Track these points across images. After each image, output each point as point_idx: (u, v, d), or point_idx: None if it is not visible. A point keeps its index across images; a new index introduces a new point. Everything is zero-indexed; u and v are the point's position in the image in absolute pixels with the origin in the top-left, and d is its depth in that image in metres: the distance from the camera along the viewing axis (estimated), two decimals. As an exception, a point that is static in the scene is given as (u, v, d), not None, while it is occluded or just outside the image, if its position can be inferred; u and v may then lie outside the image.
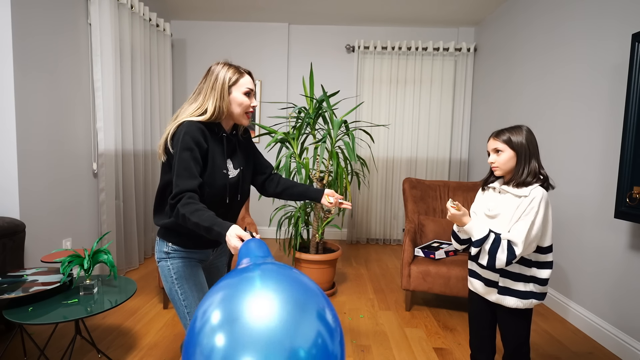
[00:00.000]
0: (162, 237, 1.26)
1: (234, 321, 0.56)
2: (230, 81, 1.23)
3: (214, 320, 0.57)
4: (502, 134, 1.30)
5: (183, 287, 1.24)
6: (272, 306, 0.57)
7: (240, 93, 1.24)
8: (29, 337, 1.73)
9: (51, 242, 2.45)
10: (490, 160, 1.32)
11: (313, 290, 0.65)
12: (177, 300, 1.24)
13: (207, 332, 0.56)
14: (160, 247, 1.27)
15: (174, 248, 1.25)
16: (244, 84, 1.25)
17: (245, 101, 1.25)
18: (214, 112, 1.22)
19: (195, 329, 0.59)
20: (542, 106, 2.86)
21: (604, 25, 2.27)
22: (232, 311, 0.57)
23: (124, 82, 3.01)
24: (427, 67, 4.16)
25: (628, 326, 2.03)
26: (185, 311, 1.24)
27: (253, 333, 0.54)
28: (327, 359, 0.56)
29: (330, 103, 2.77)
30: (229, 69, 1.25)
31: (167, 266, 1.25)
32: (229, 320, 0.56)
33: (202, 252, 1.31)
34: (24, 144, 2.21)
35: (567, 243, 2.52)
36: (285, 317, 0.56)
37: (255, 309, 0.57)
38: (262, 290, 0.61)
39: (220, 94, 1.22)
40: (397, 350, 2.04)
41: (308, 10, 3.84)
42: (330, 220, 2.77)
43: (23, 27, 2.19)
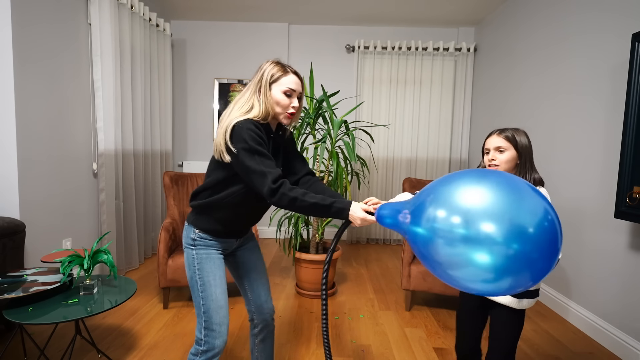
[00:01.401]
0: (191, 223, 1.29)
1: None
2: (272, 78, 1.23)
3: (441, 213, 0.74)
4: (505, 131, 1.26)
5: (203, 279, 1.26)
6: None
7: (279, 91, 1.23)
8: (29, 337, 1.73)
9: (51, 242, 2.45)
10: (491, 157, 1.26)
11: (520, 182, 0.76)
12: (195, 289, 1.27)
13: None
14: (187, 233, 1.30)
15: (201, 236, 1.28)
16: (285, 83, 1.23)
17: (282, 100, 1.23)
18: (260, 111, 1.22)
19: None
20: (542, 106, 2.86)
21: (603, 25, 2.27)
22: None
23: (124, 82, 3.01)
24: (427, 67, 4.16)
25: (628, 326, 2.03)
26: (201, 302, 1.26)
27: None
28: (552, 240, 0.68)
29: (330, 103, 2.77)
30: (275, 66, 1.24)
31: (192, 254, 1.28)
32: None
33: (227, 242, 1.34)
34: (24, 144, 2.21)
35: (567, 243, 2.52)
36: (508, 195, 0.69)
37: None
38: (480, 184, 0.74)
39: (264, 92, 1.22)
40: (397, 350, 2.04)
41: (308, 10, 3.84)
42: (331, 220, 2.77)
43: (23, 27, 2.19)
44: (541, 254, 0.67)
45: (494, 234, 0.66)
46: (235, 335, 2.15)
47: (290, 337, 2.16)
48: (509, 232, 0.66)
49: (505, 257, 0.66)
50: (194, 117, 4.35)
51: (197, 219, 1.28)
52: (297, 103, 1.26)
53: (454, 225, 0.71)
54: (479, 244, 0.67)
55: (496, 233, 0.66)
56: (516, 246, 0.65)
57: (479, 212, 0.69)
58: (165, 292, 2.45)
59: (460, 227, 0.70)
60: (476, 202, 0.70)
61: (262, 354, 1.51)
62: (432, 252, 0.76)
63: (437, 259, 0.75)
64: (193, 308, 2.48)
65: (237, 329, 2.21)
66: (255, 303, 1.45)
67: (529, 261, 0.67)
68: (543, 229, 0.67)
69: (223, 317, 1.26)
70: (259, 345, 1.50)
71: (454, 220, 0.71)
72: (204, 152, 4.38)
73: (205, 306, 1.25)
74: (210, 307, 1.24)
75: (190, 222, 1.30)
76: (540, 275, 0.69)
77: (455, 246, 0.70)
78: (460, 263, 0.70)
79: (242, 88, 4.25)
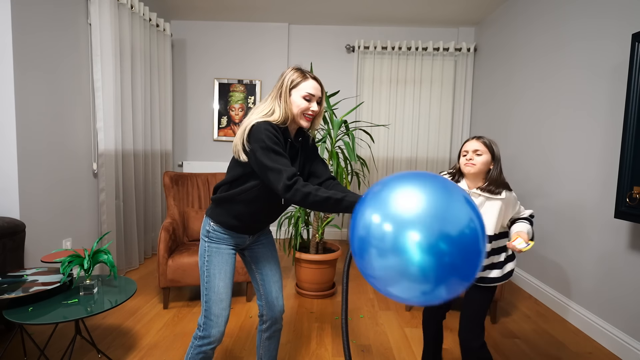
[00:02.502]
0: (209, 215, 1.36)
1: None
2: (292, 84, 1.28)
3: (376, 219, 0.74)
4: (483, 138, 1.39)
5: (210, 271, 1.33)
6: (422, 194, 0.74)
7: (299, 96, 1.28)
8: (29, 337, 1.73)
9: (51, 242, 2.45)
10: (469, 157, 1.36)
11: (452, 184, 0.80)
12: (202, 279, 1.35)
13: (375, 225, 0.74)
14: (204, 225, 1.37)
15: (215, 228, 1.35)
16: (304, 88, 1.28)
17: (302, 104, 1.28)
18: (280, 115, 1.27)
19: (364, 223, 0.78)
20: (542, 106, 2.86)
21: (603, 25, 2.27)
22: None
23: (124, 82, 3.01)
24: (427, 67, 4.16)
25: (628, 326, 2.03)
26: (205, 292, 1.33)
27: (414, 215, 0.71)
28: (476, 246, 0.71)
29: (330, 103, 2.77)
30: (295, 72, 1.30)
31: (205, 246, 1.36)
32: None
33: (240, 237, 1.39)
34: (24, 144, 2.21)
35: (567, 243, 2.52)
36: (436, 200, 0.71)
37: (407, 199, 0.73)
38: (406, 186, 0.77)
39: (284, 97, 1.28)
40: (397, 350, 2.04)
41: (308, 10, 3.84)
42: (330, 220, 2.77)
43: (23, 27, 2.19)
44: (464, 259, 0.69)
45: (421, 243, 0.68)
46: (235, 335, 2.15)
47: (290, 337, 2.16)
48: (435, 240, 0.68)
49: (433, 266, 0.68)
50: (194, 117, 4.35)
51: (214, 211, 1.35)
52: (316, 107, 1.31)
53: (387, 233, 0.72)
54: (406, 253, 0.69)
55: (422, 241, 0.68)
56: (444, 253, 0.68)
57: (409, 220, 0.71)
58: (165, 292, 2.45)
59: (391, 235, 0.71)
60: (408, 209, 0.72)
61: (266, 352, 1.54)
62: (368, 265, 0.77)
63: (372, 273, 0.77)
64: (193, 308, 2.48)
65: (237, 329, 2.21)
66: (266, 299, 1.49)
67: (453, 268, 0.69)
68: (465, 236, 0.69)
69: (222, 310, 1.33)
70: (265, 342, 1.54)
71: (387, 228, 0.72)
72: (204, 152, 4.38)
73: (207, 296, 1.33)
74: (211, 298, 1.32)
75: (208, 214, 1.38)
76: (467, 278, 0.71)
77: (387, 257, 0.72)
78: (395, 276, 0.72)
79: (242, 88, 4.26)
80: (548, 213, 2.74)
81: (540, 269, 2.82)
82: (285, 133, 1.30)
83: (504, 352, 2.05)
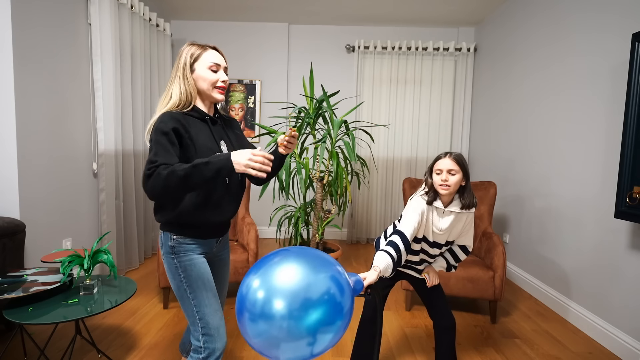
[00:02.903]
0: (166, 230, 1.23)
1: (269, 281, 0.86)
2: (192, 58, 1.20)
3: (256, 284, 0.87)
4: (453, 154, 1.41)
5: (192, 287, 1.21)
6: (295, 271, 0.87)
7: (204, 68, 1.21)
8: (29, 337, 1.73)
9: (51, 242, 2.45)
10: (444, 178, 1.38)
11: (328, 261, 0.92)
12: (185, 298, 1.22)
13: (252, 292, 0.86)
14: (164, 241, 1.23)
15: (179, 241, 1.22)
16: (208, 59, 1.21)
17: (210, 76, 1.21)
18: (180, 97, 1.20)
19: (242, 292, 0.89)
20: (542, 106, 2.86)
21: (603, 25, 2.27)
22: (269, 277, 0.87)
23: (124, 82, 3.01)
24: (427, 67, 4.16)
25: (628, 326, 2.03)
26: (195, 310, 1.21)
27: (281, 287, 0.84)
28: (335, 306, 0.84)
29: (330, 103, 2.77)
30: (192, 46, 1.22)
31: (174, 264, 1.22)
32: (265, 282, 0.86)
33: (207, 244, 1.28)
34: (24, 144, 2.21)
35: (567, 243, 2.52)
36: (303, 277, 0.85)
37: (281, 273, 0.86)
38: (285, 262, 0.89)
39: (183, 75, 1.20)
40: (397, 350, 2.04)
41: (308, 10, 3.84)
42: (330, 220, 2.77)
43: (23, 27, 2.19)
44: (328, 317, 0.84)
45: (292, 309, 0.82)
46: (235, 335, 2.15)
47: (290, 337, 2.15)
48: (301, 305, 0.82)
49: (305, 326, 0.81)
50: (194, 117, 4.35)
51: (171, 226, 1.22)
52: (225, 77, 1.25)
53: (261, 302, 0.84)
54: (272, 318, 0.82)
55: (293, 308, 0.82)
56: (310, 316, 0.82)
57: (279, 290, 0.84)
58: (165, 292, 2.45)
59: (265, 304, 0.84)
60: (283, 282, 0.85)
61: None
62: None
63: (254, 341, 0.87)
64: (193, 308, 2.47)
65: (238, 330, 2.21)
66: None
67: (326, 324, 0.84)
68: (325, 302, 0.84)
69: (220, 319, 1.23)
70: None
71: (260, 296, 0.85)
72: (204, 152, 4.37)
73: (200, 312, 1.21)
74: (205, 313, 1.21)
75: (164, 229, 1.23)
76: (338, 333, 0.87)
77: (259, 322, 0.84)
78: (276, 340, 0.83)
79: (242, 88, 4.25)
80: (548, 213, 2.74)
81: (540, 269, 2.82)
82: (199, 112, 1.23)
83: (504, 352, 2.05)
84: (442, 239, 1.48)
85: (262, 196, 4.26)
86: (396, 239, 1.35)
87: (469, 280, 2.33)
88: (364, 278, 1.11)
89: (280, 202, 4.34)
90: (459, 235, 1.52)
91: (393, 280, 1.64)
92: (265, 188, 2.61)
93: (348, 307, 0.88)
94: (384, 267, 1.26)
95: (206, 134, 1.23)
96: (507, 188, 3.32)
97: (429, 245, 1.49)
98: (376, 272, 1.20)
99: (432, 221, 1.45)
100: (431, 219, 1.45)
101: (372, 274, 1.16)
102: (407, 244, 1.35)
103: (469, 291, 2.34)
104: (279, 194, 2.81)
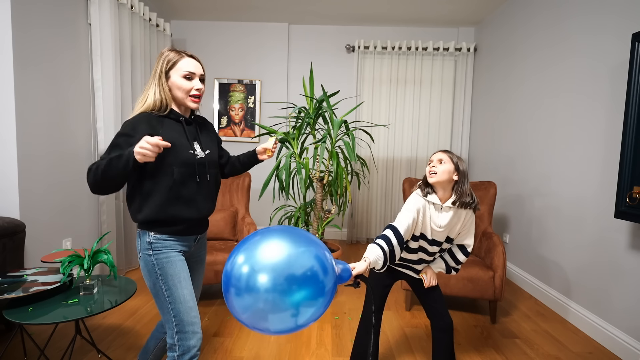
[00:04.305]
0: (144, 228, 1.24)
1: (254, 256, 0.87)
2: (167, 65, 1.22)
3: (240, 260, 0.88)
4: (449, 152, 1.47)
5: (168, 284, 1.22)
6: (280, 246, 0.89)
7: (178, 76, 1.22)
8: (29, 337, 1.73)
9: (51, 242, 2.45)
10: (432, 165, 1.43)
11: (315, 241, 0.95)
12: (161, 295, 1.23)
13: (237, 267, 0.87)
14: (143, 238, 1.24)
15: (157, 237, 1.23)
16: (183, 67, 1.22)
17: (184, 85, 1.23)
18: (155, 102, 1.22)
19: (227, 268, 0.90)
20: (542, 106, 2.86)
21: (603, 25, 2.27)
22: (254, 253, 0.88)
23: (124, 82, 3.01)
24: (427, 67, 4.16)
25: (628, 326, 2.03)
26: (170, 307, 1.22)
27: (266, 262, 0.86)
28: (317, 283, 0.87)
29: (330, 103, 2.77)
30: (169, 52, 1.23)
31: (151, 261, 1.23)
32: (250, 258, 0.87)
33: (184, 241, 1.30)
34: (24, 144, 2.21)
35: (567, 243, 2.52)
36: (288, 252, 0.87)
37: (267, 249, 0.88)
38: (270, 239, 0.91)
39: (159, 82, 1.22)
40: (397, 350, 2.04)
41: (308, 10, 3.84)
42: (330, 220, 2.77)
43: (23, 27, 2.19)
44: (310, 293, 0.87)
45: (279, 283, 0.84)
46: (235, 335, 2.15)
47: (290, 337, 2.16)
48: (287, 280, 0.85)
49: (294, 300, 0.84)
50: (194, 117, 4.35)
51: (148, 223, 1.23)
52: (200, 85, 1.26)
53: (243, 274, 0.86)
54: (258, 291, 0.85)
55: (280, 282, 0.85)
56: (295, 292, 0.85)
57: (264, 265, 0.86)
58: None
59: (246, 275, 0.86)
60: (267, 257, 0.87)
61: None
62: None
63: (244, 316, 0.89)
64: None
65: (237, 329, 2.22)
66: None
67: (309, 299, 0.87)
68: (307, 277, 0.87)
69: (194, 317, 1.23)
70: (160, 343, 1.48)
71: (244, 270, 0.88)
72: (204, 152, 4.38)
73: (175, 310, 1.21)
74: (180, 310, 1.21)
75: (142, 227, 1.24)
76: (319, 309, 0.90)
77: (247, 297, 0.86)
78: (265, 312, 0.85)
79: (242, 88, 4.25)
80: (548, 213, 2.74)
81: (540, 269, 2.82)
82: (175, 114, 1.27)
83: (504, 352, 2.05)
84: (441, 237, 1.48)
85: (262, 196, 4.26)
86: (388, 232, 1.37)
87: (469, 280, 2.33)
88: (353, 267, 1.12)
89: (280, 202, 4.34)
90: (458, 234, 1.52)
91: (391, 279, 1.65)
92: (265, 188, 2.61)
93: (330, 287, 0.91)
94: (374, 258, 1.28)
95: (179, 133, 1.26)
96: (507, 188, 3.32)
97: (428, 243, 1.49)
98: (366, 263, 1.22)
99: (430, 217, 1.45)
100: (429, 216, 1.45)
101: (362, 264, 1.18)
102: (399, 238, 1.36)
103: (469, 291, 2.34)
104: (279, 194, 2.81)
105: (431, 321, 1.61)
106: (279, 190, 2.77)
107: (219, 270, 2.40)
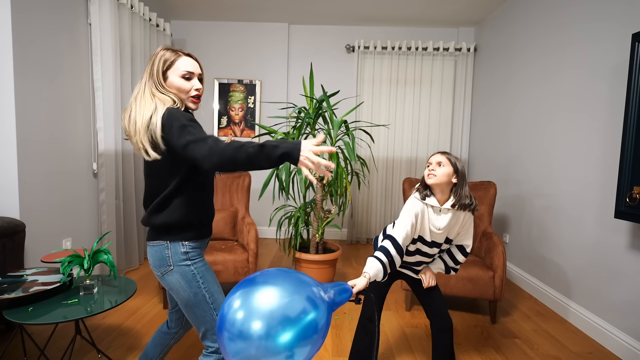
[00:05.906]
0: (175, 238, 1.15)
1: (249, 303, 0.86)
2: (164, 65, 1.15)
3: (236, 305, 0.87)
4: (448, 153, 1.46)
5: (210, 291, 1.18)
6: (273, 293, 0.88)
7: (177, 77, 1.16)
8: (29, 337, 1.73)
9: (51, 242, 2.45)
10: (431, 168, 1.42)
11: (305, 282, 0.94)
12: (203, 304, 1.17)
13: (233, 312, 0.85)
14: (175, 250, 1.15)
15: (192, 245, 1.17)
16: (181, 67, 1.16)
17: (183, 85, 1.16)
18: (175, 104, 1.16)
19: (224, 312, 0.88)
20: (542, 106, 2.86)
21: (604, 25, 2.27)
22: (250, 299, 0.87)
23: (124, 82, 3.01)
24: (427, 67, 4.16)
25: (628, 326, 2.03)
26: (214, 314, 1.18)
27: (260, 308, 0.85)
28: (310, 323, 0.86)
29: (330, 103, 2.77)
30: (165, 51, 1.16)
31: (191, 271, 1.16)
32: (246, 304, 0.86)
33: (206, 244, 1.28)
34: (24, 144, 2.21)
35: (567, 243, 2.52)
36: (280, 298, 0.87)
37: (261, 296, 0.87)
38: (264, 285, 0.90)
39: (158, 84, 1.14)
40: (397, 350, 2.04)
41: (308, 10, 3.84)
42: (330, 220, 2.77)
43: (23, 27, 2.19)
44: (303, 334, 0.86)
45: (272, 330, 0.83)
46: (235, 335, 2.15)
47: (290, 337, 2.15)
48: (280, 324, 0.84)
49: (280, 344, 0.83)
50: (194, 117, 4.35)
51: (180, 229, 1.17)
52: (199, 85, 1.19)
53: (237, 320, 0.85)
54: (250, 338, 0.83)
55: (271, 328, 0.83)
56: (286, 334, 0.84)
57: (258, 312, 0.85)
58: (166, 292, 2.45)
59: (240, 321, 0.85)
60: (262, 304, 0.86)
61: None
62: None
63: None
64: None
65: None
66: (178, 313, 1.44)
67: (303, 339, 0.86)
68: (300, 320, 0.87)
69: None
70: (165, 348, 1.49)
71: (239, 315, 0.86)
72: (204, 152, 4.38)
73: (217, 310, 1.18)
74: None
75: (172, 237, 1.16)
76: (315, 345, 0.89)
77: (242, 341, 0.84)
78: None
79: (242, 88, 4.25)
80: (548, 213, 2.74)
81: (540, 269, 2.82)
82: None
83: (504, 352, 2.05)
84: (440, 238, 1.49)
85: (262, 196, 4.26)
86: (387, 244, 1.38)
87: (469, 280, 2.33)
88: (353, 285, 1.13)
89: (280, 202, 4.34)
90: (457, 234, 1.52)
91: (390, 279, 1.65)
92: (265, 188, 2.61)
93: (323, 322, 0.91)
94: (373, 273, 1.29)
95: None
96: (507, 188, 3.32)
97: (427, 245, 1.49)
98: (366, 279, 1.22)
99: (428, 220, 1.46)
100: (427, 218, 1.45)
101: (362, 281, 1.18)
102: (398, 248, 1.37)
103: (469, 291, 2.34)
104: (279, 194, 2.81)
105: (431, 321, 1.61)
106: (279, 190, 2.77)
107: (219, 270, 2.40)
